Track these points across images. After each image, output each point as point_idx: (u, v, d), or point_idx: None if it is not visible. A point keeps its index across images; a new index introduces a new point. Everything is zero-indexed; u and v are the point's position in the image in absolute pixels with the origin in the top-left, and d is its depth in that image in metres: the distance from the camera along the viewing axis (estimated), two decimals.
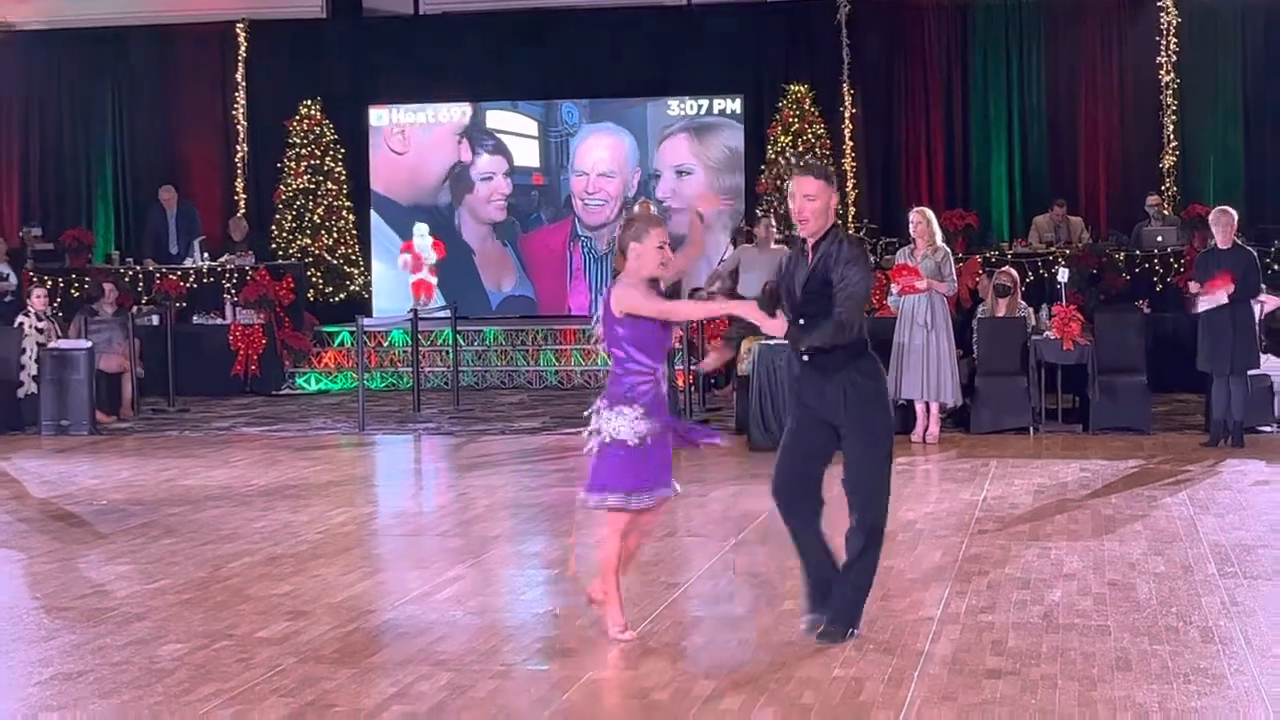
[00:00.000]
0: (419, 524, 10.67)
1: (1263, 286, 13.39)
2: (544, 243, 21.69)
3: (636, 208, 16.95)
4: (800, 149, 19.92)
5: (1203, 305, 12.93)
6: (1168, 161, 20.16)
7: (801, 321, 6.92)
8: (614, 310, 6.90)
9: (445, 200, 21.69)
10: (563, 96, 21.41)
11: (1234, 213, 13.43)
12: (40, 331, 16.05)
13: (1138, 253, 18.15)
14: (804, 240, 7.07)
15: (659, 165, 21.52)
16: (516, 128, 21.72)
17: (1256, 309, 14.21)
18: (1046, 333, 14.19)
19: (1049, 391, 14.28)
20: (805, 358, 7.00)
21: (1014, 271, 15.29)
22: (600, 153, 21.57)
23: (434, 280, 21.18)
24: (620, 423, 6.93)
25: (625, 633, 7.04)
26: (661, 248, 6.94)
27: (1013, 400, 14.10)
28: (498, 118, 21.70)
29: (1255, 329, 13.08)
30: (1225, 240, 13.11)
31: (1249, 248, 13.78)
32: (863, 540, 6.93)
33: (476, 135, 21.66)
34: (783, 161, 19.90)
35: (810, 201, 6.97)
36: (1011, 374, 14.15)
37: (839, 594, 7.01)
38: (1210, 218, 13.46)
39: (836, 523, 7.06)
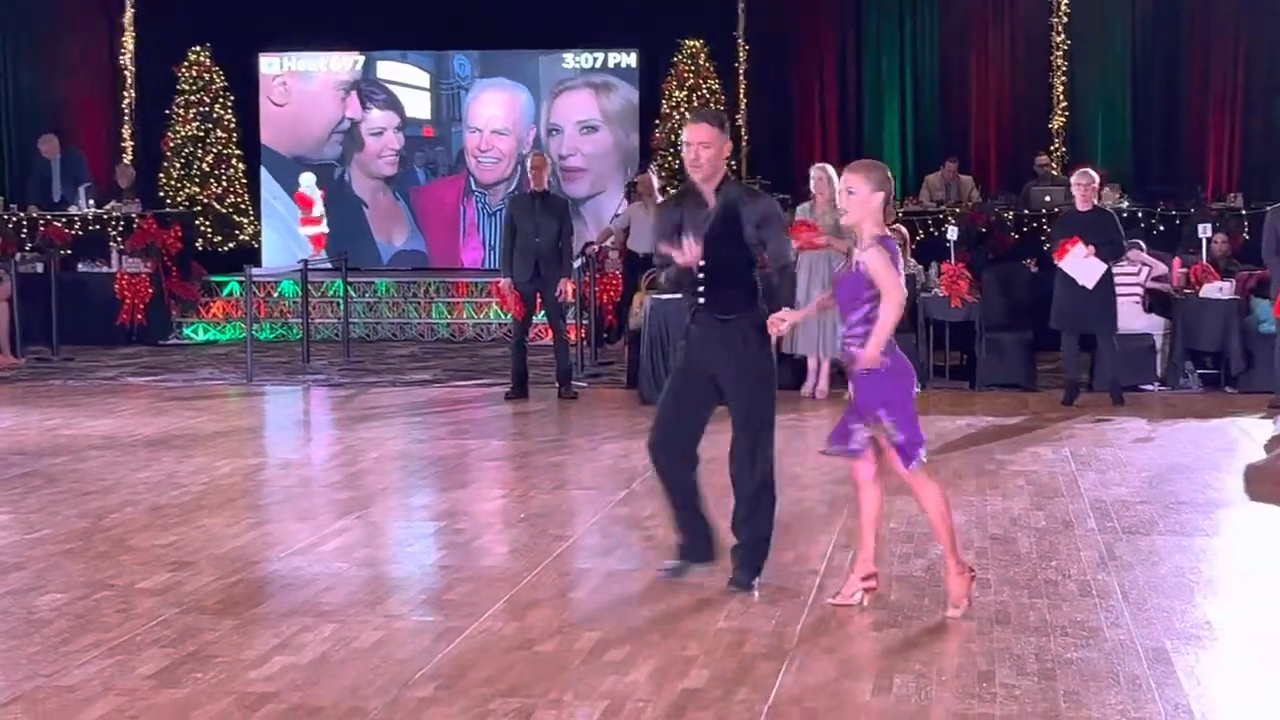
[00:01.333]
0: (306, 475, 10.59)
1: (1124, 245, 13.53)
2: (437, 197, 21.57)
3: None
4: (695, 104, 19.93)
5: (1070, 264, 12.97)
6: (1057, 122, 20.40)
7: (703, 276, 6.98)
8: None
9: (333, 153, 21.49)
10: (456, 48, 21.27)
11: (1094, 175, 13.60)
12: None
13: (1026, 212, 18.35)
14: (693, 191, 7.09)
15: (558, 119, 21.42)
16: (408, 79, 21.57)
17: (1141, 272, 14.43)
18: (935, 290, 14.33)
19: (937, 348, 14.43)
20: (701, 302, 7.03)
21: (904, 229, 15.42)
22: (494, 109, 21.46)
23: (325, 231, 21.01)
24: None
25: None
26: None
27: None
28: (389, 68, 21.55)
29: (1112, 290, 13.21)
30: (1085, 202, 13.25)
31: (1109, 209, 13.96)
32: (757, 485, 7.07)
33: (368, 89, 21.46)
34: (677, 116, 19.91)
35: (705, 149, 7.02)
36: (900, 331, 14.16)
37: (744, 545, 7.12)
38: (1072, 180, 13.60)
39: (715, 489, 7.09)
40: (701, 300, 7.06)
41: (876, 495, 6.93)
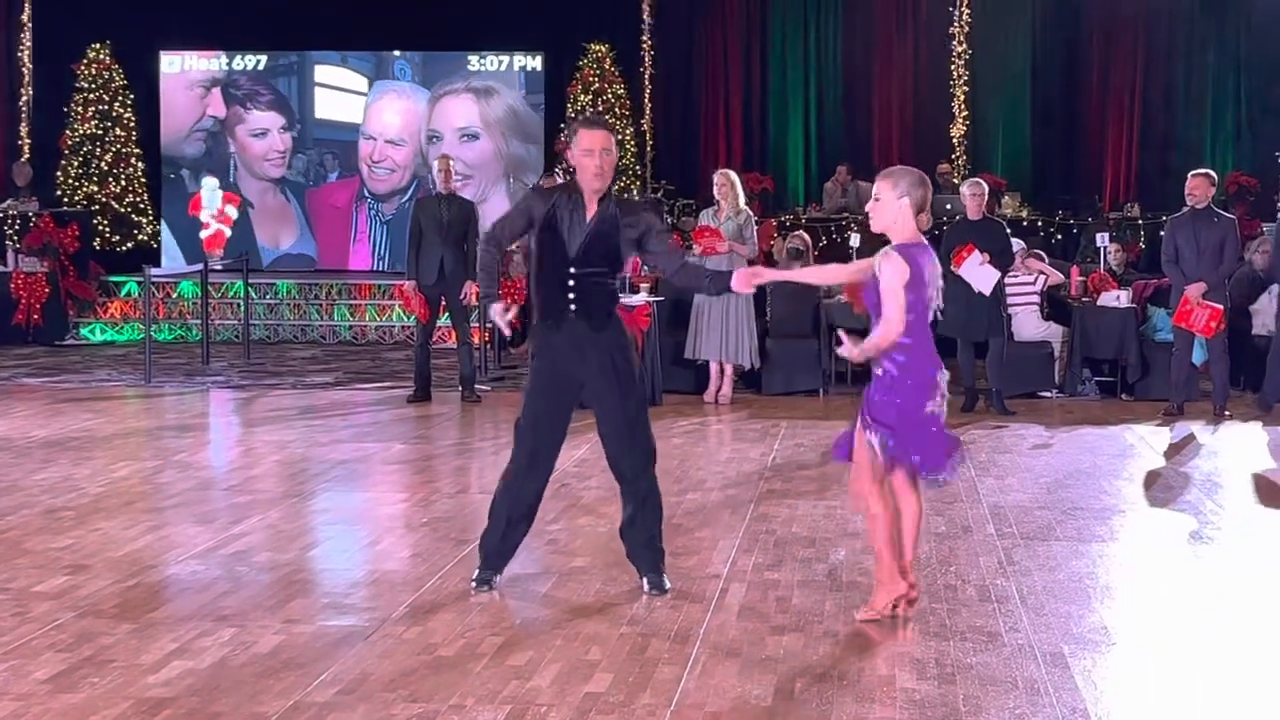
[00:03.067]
0: (205, 478, 10.47)
1: (1014, 254, 13.68)
2: (330, 200, 21.42)
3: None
4: (600, 108, 19.95)
5: (967, 271, 13.09)
6: (958, 130, 20.59)
7: (574, 284, 6.90)
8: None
9: (193, 152, 21.25)
10: (360, 49, 21.14)
11: (985, 185, 13.76)
12: None
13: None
14: (571, 193, 7.04)
15: (438, 126, 21.33)
16: (336, 80, 21.42)
17: (1039, 281, 14.60)
18: (838, 296, 14.40)
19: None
20: (573, 312, 6.94)
21: (807, 236, 15.54)
22: (391, 116, 21.33)
23: (228, 232, 20.81)
24: None
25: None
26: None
27: (804, 363, 14.31)
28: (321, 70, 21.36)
29: (1000, 299, 13.36)
30: (976, 212, 13.39)
31: (999, 220, 14.13)
32: (647, 488, 7.14)
33: (251, 88, 21.30)
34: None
35: (608, 156, 7.01)
36: (803, 337, 14.35)
37: (648, 547, 7.15)
38: (963, 190, 13.73)
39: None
40: (573, 310, 6.95)
41: (908, 503, 6.79)
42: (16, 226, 18.92)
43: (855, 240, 14.94)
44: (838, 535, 8.42)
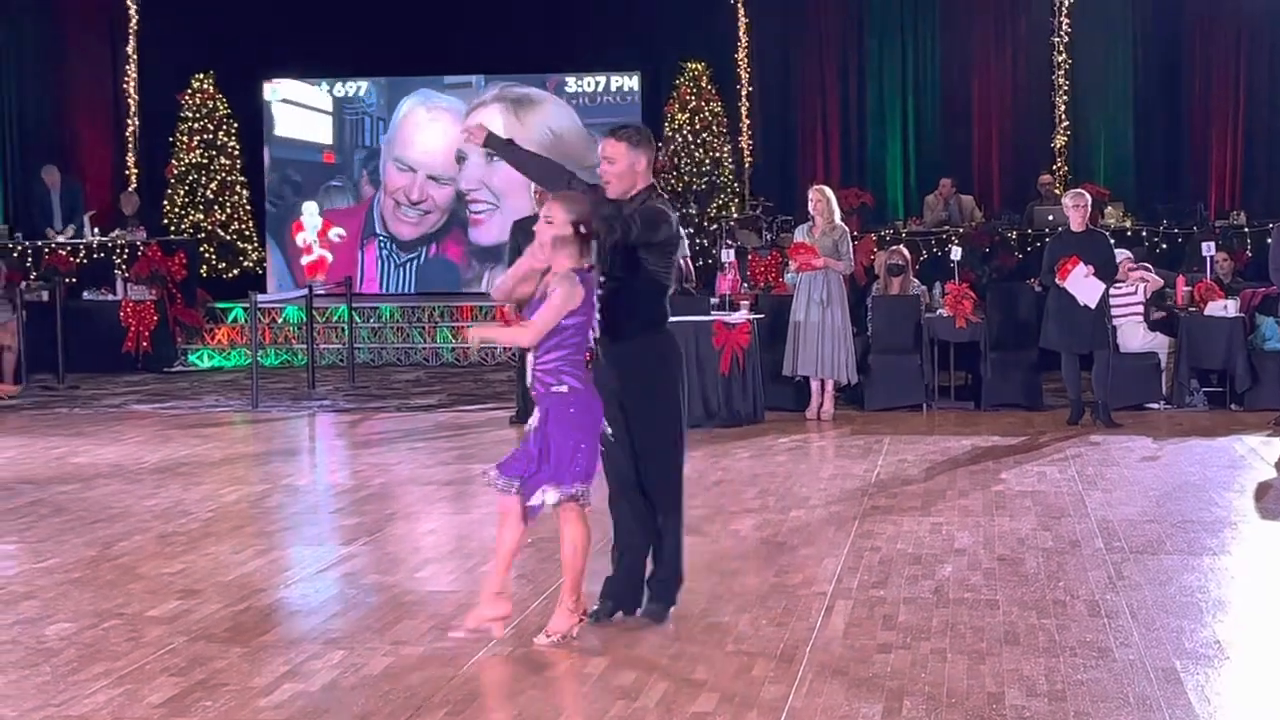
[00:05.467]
0: (313, 502, 10.59)
1: (1116, 266, 13.52)
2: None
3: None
4: (697, 127, 19.97)
5: (1072, 284, 12.94)
6: (1059, 140, 20.41)
7: (603, 280, 6.69)
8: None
9: (295, 178, 21.44)
10: (455, 72, 21.27)
11: (1088, 196, 13.58)
12: None
13: (1029, 231, 18.34)
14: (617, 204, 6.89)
15: (465, 145, 21.27)
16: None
17: (1140, 290, 14.43)
18: (939, 310, 14.34)
19: (942, 369, 14.41)
20: (603, 332, 6.75)
21: (906, 250, 15.44)
22: (432, 139, 21.16)
23: (329, 257, 21.04)
24: None
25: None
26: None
27: (906, 378, 14.22)
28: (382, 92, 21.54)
29: (1105, 310, 13.21)
30: (1079, 223, 13.22)
31: (1103, 231, 13.97)
32: (671, 515, 7.05)
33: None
34: (679, 139, 19.95)
35: (610, 165, 6.88)
36: (905, 351, 14.28)
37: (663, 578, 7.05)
38: (1065, 201, 13.58)
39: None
40: (604, 332, 6.77)
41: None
42: (125, 255, 19.22)
43: (956, 254, 14.83)
44: (944, 552, 8.36)
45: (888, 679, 6.10)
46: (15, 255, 19.09)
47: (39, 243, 19.58)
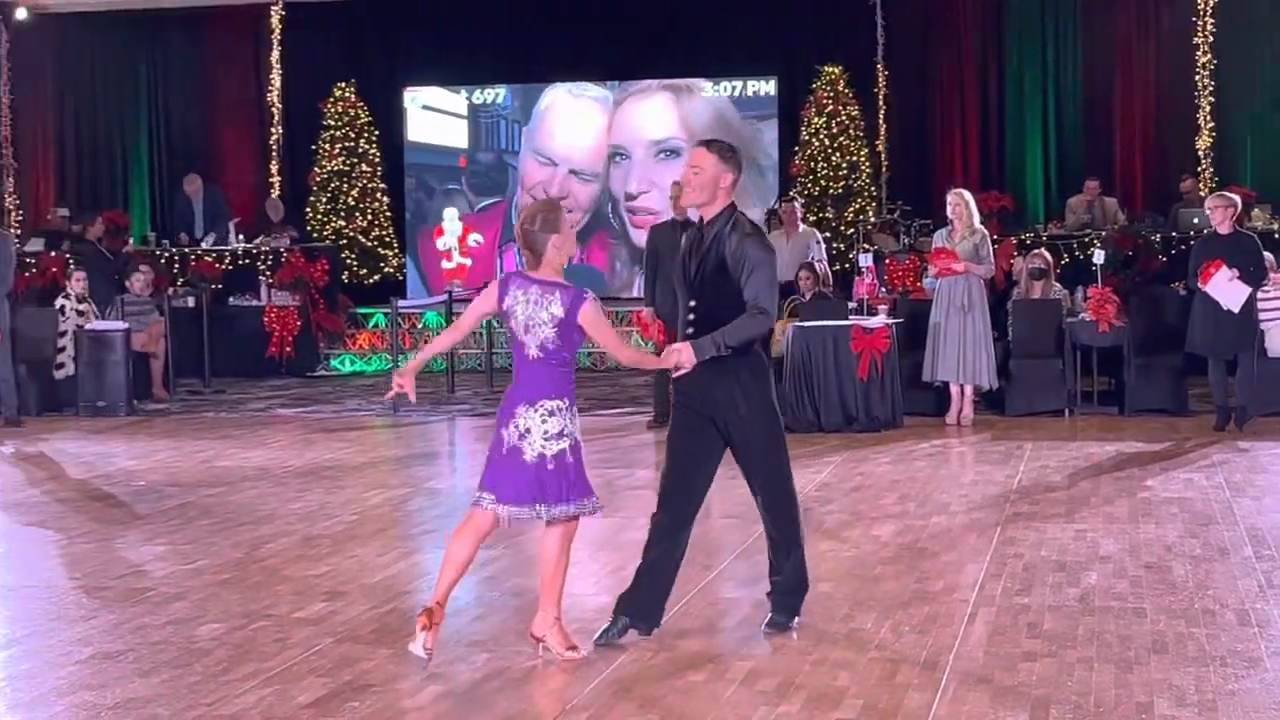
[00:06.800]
0: (454, 505, 10.68)
1: (1266, 269, 13.26)
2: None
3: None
4: (834, 130, 19.89)
5: (1214, 287, 12.72)
6: (1204, 142, 20.04)
7: (693, 304, 6.63)
8: (581, 322, 6.45)
9: (435, 185, 21.60)
10: (593, 79, 21.36)
11: (1235, 198, 13.33)
12: (79, 314, 16.13)
13: (1174, 234, 18.05)
14: (699, 221, 6.81)
15: (624, 138, 21.04)
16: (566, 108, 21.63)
17: None
18: (1082, 315, 14.16)
19: (1084, 374, 14.23)
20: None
21: (1048, 254, 15.26)
22: (574, 135, 21.06)
23: (468, 262, 21.23)
24: (578, 420, 6.65)
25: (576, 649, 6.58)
26: (572, 228, 6.72)
27: (1048, 382, 14.07)
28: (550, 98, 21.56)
29: (1254, 313, 12.96)
30: (1225, 226, 12.98)
31: (1250, 234, 13.70)
32: (786, 528, 6.91)
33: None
34: (816, 144, 19.88)
35: (696, 174, 6.66)
36: (1046, 356, 14.11)
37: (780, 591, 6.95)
38: (1208, 203, 13.34)
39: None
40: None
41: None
42: (269, 262, 19.54)
43: (1099, 257, 14.61)
44: (1089, 559, 8.25)
45: (1033, 688, 6.03)
46: (163, 262, 19.49)
47: (185, 249, 19.98)
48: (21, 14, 21.34)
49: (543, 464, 6.48)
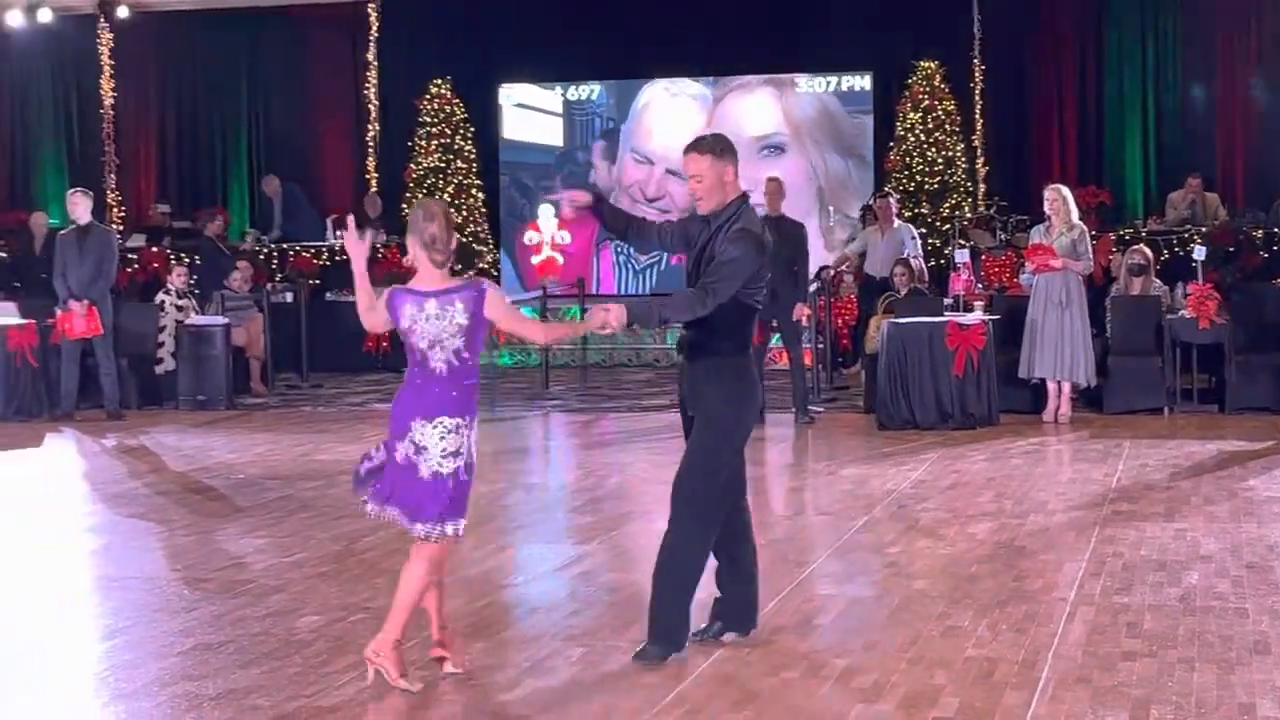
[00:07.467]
0: (548, 500, 10.75)
1: None
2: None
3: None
4: (930, 126, 19.77)
5: None
6: None
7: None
8: (487, 314, 6.27)
9: (529, 182, 21.65)
10: (689, 75, 21.35)
11: None
12: (179, 309, 16.33)
13: (1275, 230, 17.80)
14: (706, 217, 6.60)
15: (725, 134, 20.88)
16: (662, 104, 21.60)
17: None
18: (1182, 311, 13.99)
19: (1184, 371, 14.06)
20: (685, 340, 6.62)
21: (1148, 250, 15.09)
22: (671, 133, 20.81)
23: (560, 259, 21.29)
24: (476, 437, 6.37)
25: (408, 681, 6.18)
26: (446, 230, 6.48)
27: (1147, 380, 13.91)
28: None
29: None
30: None
31: None
32: (661, 574, 6.51)
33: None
34: (911, 139, 19.77)
35: (699, 183, 6.47)
36: (1145, 353, 13.95)
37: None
38: None
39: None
40: (684, 338, 6.63)
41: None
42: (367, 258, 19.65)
43: (1200, 253, 14.43)
44: (1189, 559, 8.16)
45: (1133, 687, 5.97)
46: (261, 258, 19.70)
47: (284, 245, 20.19)
48: (124, 12, 21.62)
49: (436, 481, 6.20)
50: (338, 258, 19.87)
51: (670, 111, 21.26)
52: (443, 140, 21.34)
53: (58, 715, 6.03)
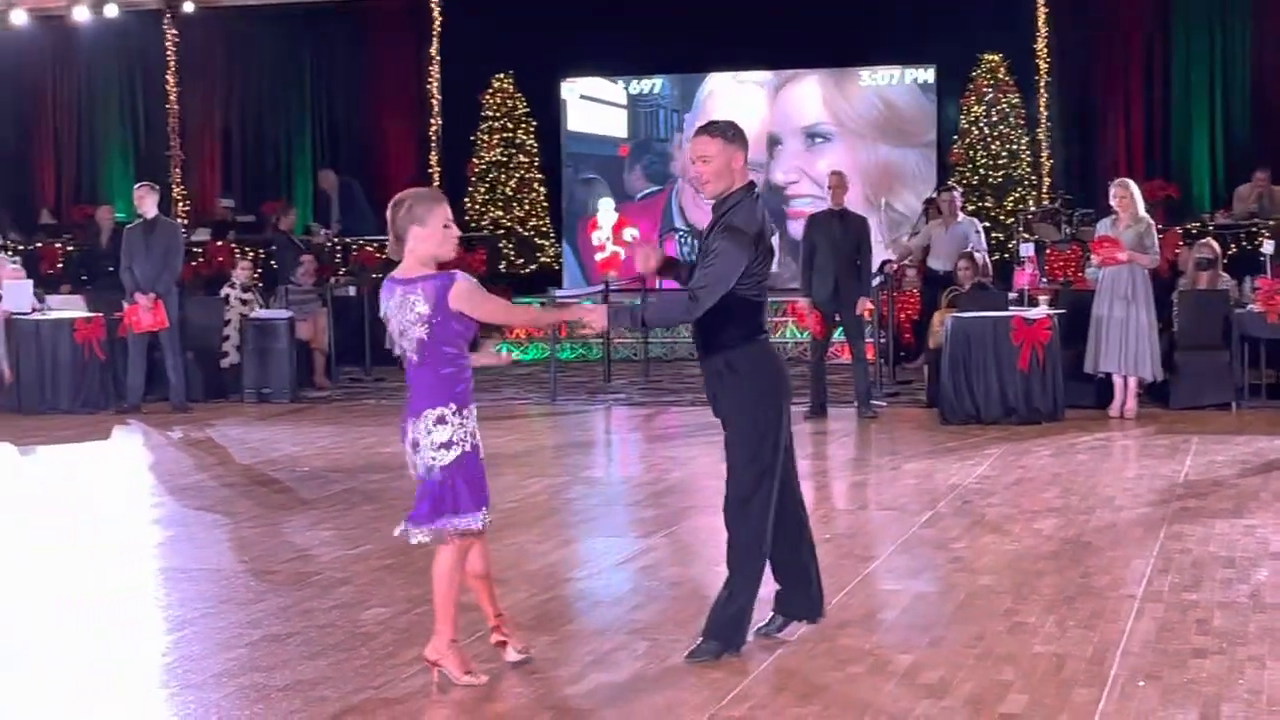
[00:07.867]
0: (611, 494, 10.75)
1: None
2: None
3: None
4: (994, 119, 19.66)
5: None
6: None
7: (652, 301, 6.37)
8: (452, 305, 6.18)
9: (592, 176, 21.66)
10: (754, 67, 21.29)
11: None
12: (244, 303, 16.44)
13: None
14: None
15: (775, 127, 20.81)
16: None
17: None
18: (1250, 306, 13.86)
19: (1251, 366, 13.92)
20: (695, 332, 6.56)
21: (1215, 244, 14.96)
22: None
23: (622, 254, 21.31)
24: (474, 425, 6.29)
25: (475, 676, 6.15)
26: (447, 226, 6.38)
27: (1214, 375, 13.79)
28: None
29: None
30: None
31: None
32: (729, 580, 6.41)
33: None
34: (975, 132, 19.67)
35: (705, 164, 6.37)
36: (1213, 348, 13.83)
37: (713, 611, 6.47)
38: None
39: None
40: (694, 330, 6.56)
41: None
42: None
43: (1268, 247, 14.27)
44: (1259, 555, 8.08)
45: (1203, 685, 5.91)
46: (325, 251, 19.80)
47: (346, 240, 20.29)
48: (189, 8, 21.77)
49: (432, 477, 6.17)
50: None
51: (734, 100, 21.20)
52: (505, 134, 21.39)
53: (127, 705, 6.07)
